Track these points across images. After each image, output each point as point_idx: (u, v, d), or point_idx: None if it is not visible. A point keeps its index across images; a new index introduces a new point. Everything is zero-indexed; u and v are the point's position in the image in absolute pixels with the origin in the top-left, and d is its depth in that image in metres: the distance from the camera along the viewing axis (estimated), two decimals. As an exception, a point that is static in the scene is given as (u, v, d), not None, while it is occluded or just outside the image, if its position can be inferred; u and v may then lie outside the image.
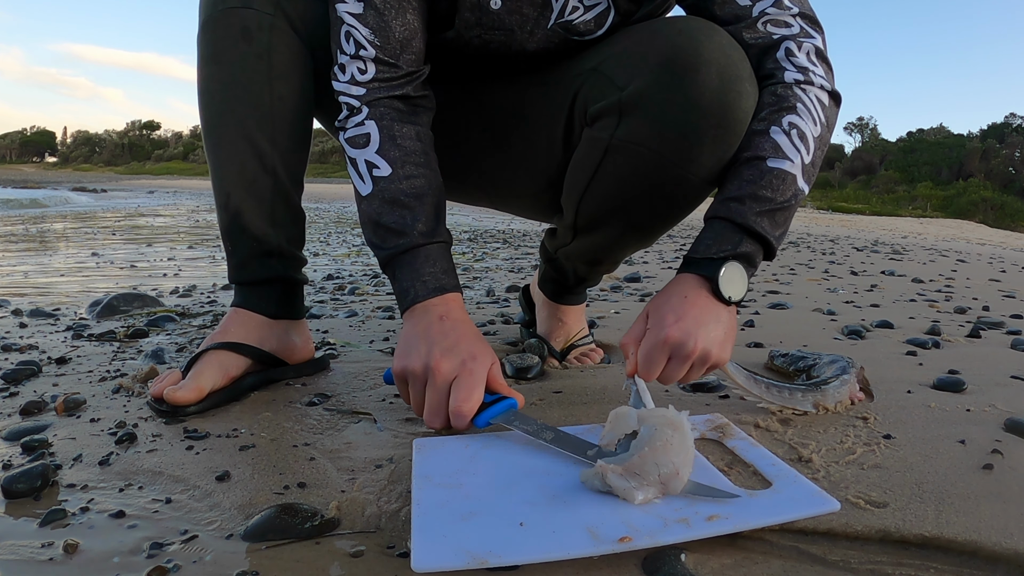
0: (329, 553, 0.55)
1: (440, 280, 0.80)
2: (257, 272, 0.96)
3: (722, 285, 0.74)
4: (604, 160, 0.85)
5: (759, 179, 0.76)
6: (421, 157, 0.85)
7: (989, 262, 4.11)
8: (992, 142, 36.60)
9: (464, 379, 0.72)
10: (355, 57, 0.84)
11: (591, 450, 0.65)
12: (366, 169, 0.83)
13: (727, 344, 0.75)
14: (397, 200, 0.81)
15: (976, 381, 1.02)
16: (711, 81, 0.76)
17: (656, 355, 0.72)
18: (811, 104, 0.79)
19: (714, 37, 0.77)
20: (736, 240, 0.75)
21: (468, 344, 0.75)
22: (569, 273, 1.10)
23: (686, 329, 0.71)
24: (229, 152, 0.92)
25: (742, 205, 0.75)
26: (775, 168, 0.76)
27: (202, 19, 0.90)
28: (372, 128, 0.83)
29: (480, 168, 1.04)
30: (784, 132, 0.77)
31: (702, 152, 0.79)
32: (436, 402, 0.72)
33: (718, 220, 0.77)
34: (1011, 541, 0.54)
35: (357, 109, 0.85)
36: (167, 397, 0.84)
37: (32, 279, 2.30)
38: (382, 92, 0.85)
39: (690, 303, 0.74)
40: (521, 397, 0.76)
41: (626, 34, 0.86)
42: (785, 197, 0.76)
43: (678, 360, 0.72)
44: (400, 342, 0.78)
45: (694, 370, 0.74)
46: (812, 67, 0.80)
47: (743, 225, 0.75)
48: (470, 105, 1.01)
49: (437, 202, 0.85)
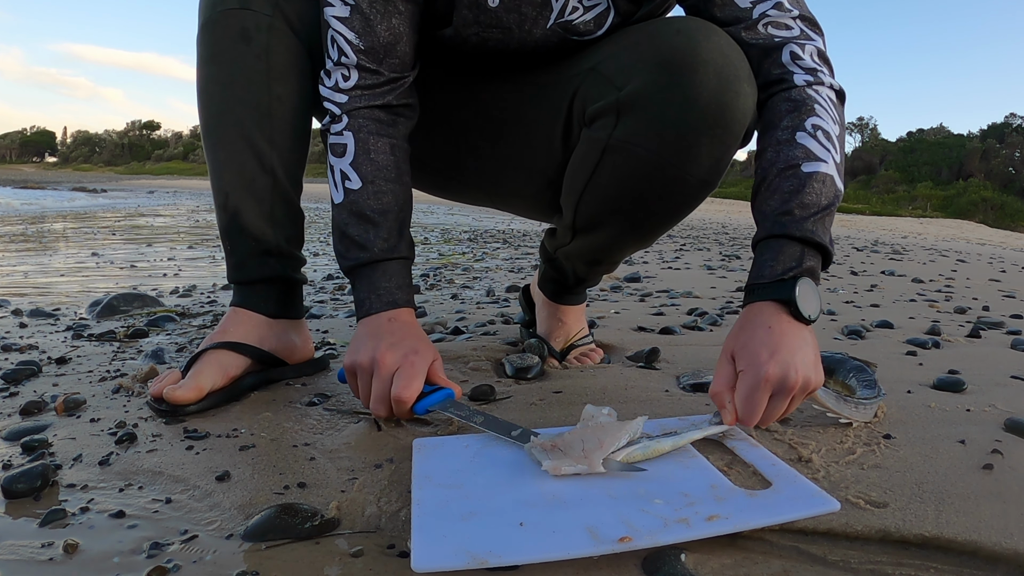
0: (329, 553, 0.55)
1: (393, 295, 0.85)
2: (256, 271, 0.96)
3: (801, 306, 0.70)
4: (602, 160, 0.85)
5: (801, 188, 0.73)
6: (392, 172, 0.87)
7: (989, 262, 4.11)
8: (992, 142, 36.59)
9: (405, 370, 0.77)
10: (338, 64, 0.86)
11: (515, 431, 0.71)
12: (340, 179, 0.86)
13: (819, 365, 0.71)
14: (363, 214, 0.85)
15: (976, 381, 1.02)
16: (709, 81, 0.75)
17: (759, 397, 0.67)
18: (827, 103, 0.78)
19: (712, 37, 0.77)
20: (798, 255, 0.72)
21: (411, 341, 0.81)
22: (569, 273, 1.10)
23: (784, 361, 0.67)
24: (228, 152, 0.92)
25: (793, 217, 0.73)
26: (813, 172, 0.74)
27: (201, 20, 0.90)
28: (349, 140, 0.86)
29: (479, 167, 1.04)
30: (810, 135, 0.75)
31: (700, 152, 0.79)
32: (380, 390, 0.78)
33: (774, 239, 0.74)
34: (1011, 541, 0.54)
35: (338, 117, 0.87)
36: (167, 396, 0.84)
37: (32, 279, 2.30)
38: (363, 101, 0.87)
39: (777, 333, 0.69)
40: (458, 388, 0.82)
41: (624, 34, 0.86)
42: (829, 200, 0.74)
43: (781, 396, 0.68)
44: (352, 342, 0.84)
45: (795, 402, 0.70)
46: (819, 67, 0.80)
47: (801, 237, 0.72)
48: (469, 104, 1.01)
49: (402, 218, 0.88)
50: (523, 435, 0.70)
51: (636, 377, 1.04)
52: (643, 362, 1.15)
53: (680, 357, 1.18)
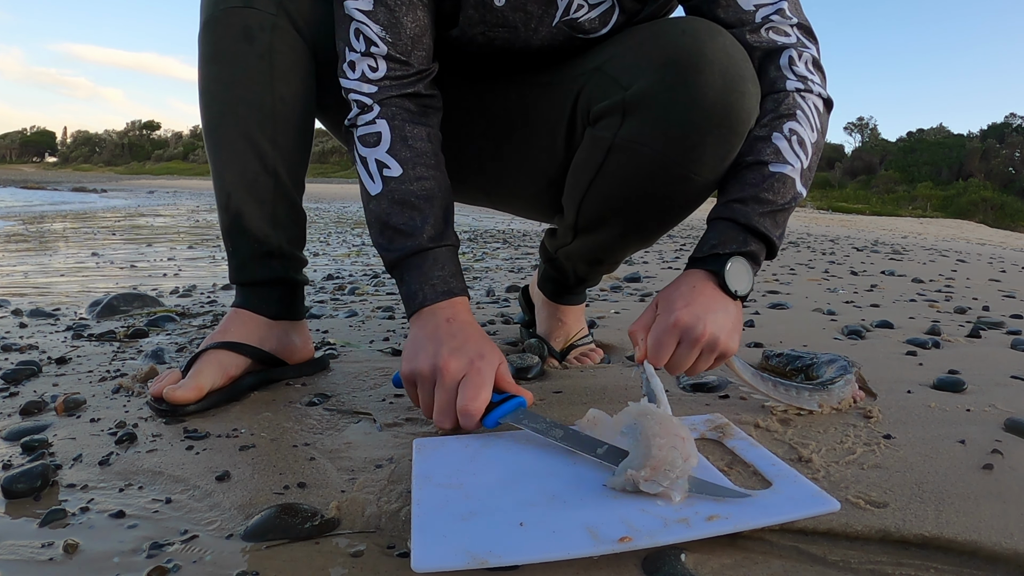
0: (329, 553, 0.55)
1: (448, 284, 0.81)
2: (258, 273, 0.96)
3: (728, 279, 0.76)
4: (607, 160, 0.85)
5: (761, 183, 0.78)
6: (432, 159, 0.85)
7: (989, 262, 4.11)
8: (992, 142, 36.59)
9: (472, 378, 0.72)
10: (366, 54, 0.83)
11: (600, 448, 0.65)
12: (376, 168, 0.82)
13: (735, 334, 0.76)
14: (407, 201, 0.81)
15: (976, 381, 1.02)
16: (714, 81, 0.76)
17: (666, 339, 0.73)
18: (810, 111, 0.81)
19: (717, 38, 0.77)
20: (740, 239, 0.78)
21: (476, 344, 0.75)
22: (569, 273, 1.10)
23: (695, 313, 0.73)
24: (230, 153, 0.92)
25: (745, 206, 0.78)
26: (776, 172, 0.78)
27: (203, 19, 0.90)
28: (384, 127, 0.83)
29: (481, 167, 1.04)
30: (785, 138, 0.79)
31: (705, 152, 0.80)
32: (445, 401, 0.72)
33: (722, 220, 0.79)
34: (1011, 541, 0.54)
35: (368, 107, 0.84)
36: (166, 396, 0.84)
37: (32, 279, 2.30)
38: (394, 91, 0.84)
39: (698, 292, 0.75)
40: (530, 395, 0.76)
41: (630, 34, 0.86)
42: (785, 200, 0.79)
43: (687, 344, 0.73)
44: (407, 345, 0.78)
45: (703, 358, 0.75)
46: (810, 76, 0.83)
47: (747, 225, 0.77)
48: (472, 104, 1.01)
49: (446, 204, 0.85)
50: (610, 453, 0.64)
51: (636, 377, 1.04)
52: (643, 362, 1.15)
53: (680, 357, 1.18)
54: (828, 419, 0.83)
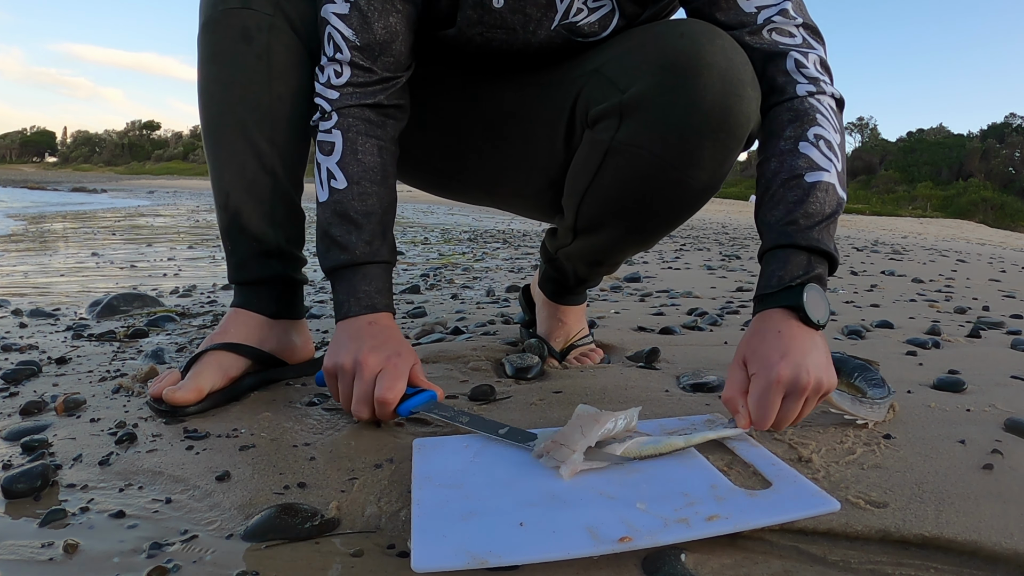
0: (329, 553, 0.55)
1: (373, 299, 0.84)
2: (257, 272, 0.96)
3: (809, 310, 0.71)
4: (604, 162, 0.85)
5: (805, 197, 0.75)
6: (378, 174, 0.87)
7: (989, 262, 4.11)
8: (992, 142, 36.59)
9: (388, 371, 0.77)
10: (332, 60, 0.86)
11: (502, 429, 0.71)
12: (326, 177, 0.86)
13: (831, 368, 0.72)
14: (347, 215, 0.85)
15: (976, 381, 1.02)
16: (713, 84, 0.75)
17: (771, 398, 0.68)
18: (828, 113, 0.79)
19: (716, 41, 0.77)
20: (805, 263, 0.74)
21: (394, 344, 0.81)
22: (569, 274, 1.10)
23: (796, 363, 0.68)
24: (228, 152, 0.92)
25: (798, 227, 0.74)
26: (816, 182, 0.75)
27: (202, 20, 0.90)
28: (337, 138, 0.86)
29: (481, 168, 1.04)
30: (813, 144, 0.76)
31: (703, 156, 0.79)
32: (363, 392, 0.77)
33: (780, 249, 0.75)
34: (1011, 541, 0.54)
35: (328, 114, 0.87)
36: (166, 398, 0.84)
37: (32, 279, 2.30)
38: (354, 99, 0.86)
39: (788, 337, 0.71)
40: (440, 390, 0.82)
41: (628, 36, 0.86)
42: (832, 208, 0.76)
43: (793, 397, 0.69)
44: (331, 344, 0.82)
45: (808, 404, 0.70)
46: (821, 76, 0.81)
47: (807, 246, 0.74)
48: (471, 104, 1.01)
49: (385, 221, 0.88)
50: (511, 433, 0.70)
51: (636, 377, 1.04)
52: (643, 362, 1.15)
53: (680, 357, 1.18)
54: (828, 419, 0.83)
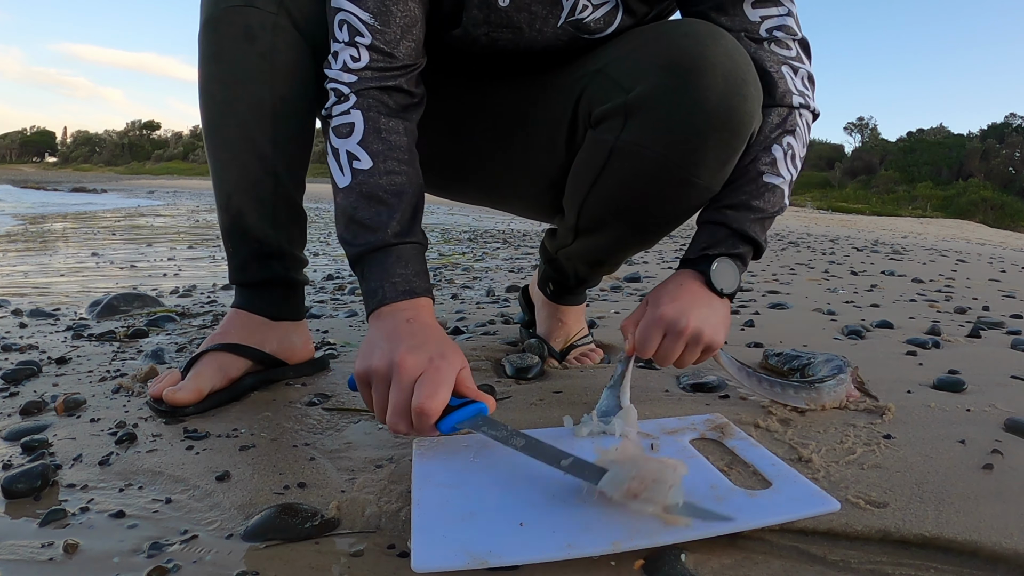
0: (329, 553, 0.55)
1: (411, 283, 0.76)
2: (258, 273, 0.96)
3: (714, 278, 0.81)
4: (608, 162, 0.85)
5: (755, 191, 0.82)
6: (405, 154, 0.81)
7: (989, 262, 4.11)
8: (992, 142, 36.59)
9: (430, 375, 0.65)
10: (349, 44, 0.80)
11: (565, 460, 0.60)
12: (347, 160, 0.79)
13: (720, 328, 0.80)
14: (375, 195, 0.78)
15: (976, 381, 1.02)
16: (717, 84, 0.76)
17: (652, 332, 0.78)
18: (804, 129, 0.86)
19: (720, 41, 0.77)
20: (730, 243, 0.83)
21: (436, 343, 0.70)
22: (569, 274, 1.10)
23: (680, 308, 0.78)
24: (230, 153, 0.91)
25: (738, 212, 0.82)
26: (770, 183, 0.83)
27: (203, 18, 0.89)
28: (358, 118, 0.80)
29: (483, 168, 1.04)
30: (783, 151, 0.84)
31: (707, 155, 0.79)
32: (400, 401, 0.65)
33: (712, 224, 0.84)
34: (1011, 541, 0.54)
35: (345, 96, 0.81)
36: (166, 398, 0.84)
37: (32, 279, 2.30)
38: (373, 82, 0.81)
39: (685, 289, 0.81)
40: (492, 401, 0.69)
41: (632, 36, 0.85)
42: (774, 209, 0.84)
43: (672, 337, 0.78)
44: (363, 345, 0.72)
45: (688, 350, 0.79)
46: (807, 91, 0.87)
47: (739, 230, 0.82)
48: (474, 105, 1.00)
49: (416, 202, 0.81)
50: (575, 466, 0.59)
51: (636, 377, 1.04)
52: (643, 362, 1.15)
53: (680, 357, 1.18)
54: (828, 419, 0.83)
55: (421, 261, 0.80)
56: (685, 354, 0.79)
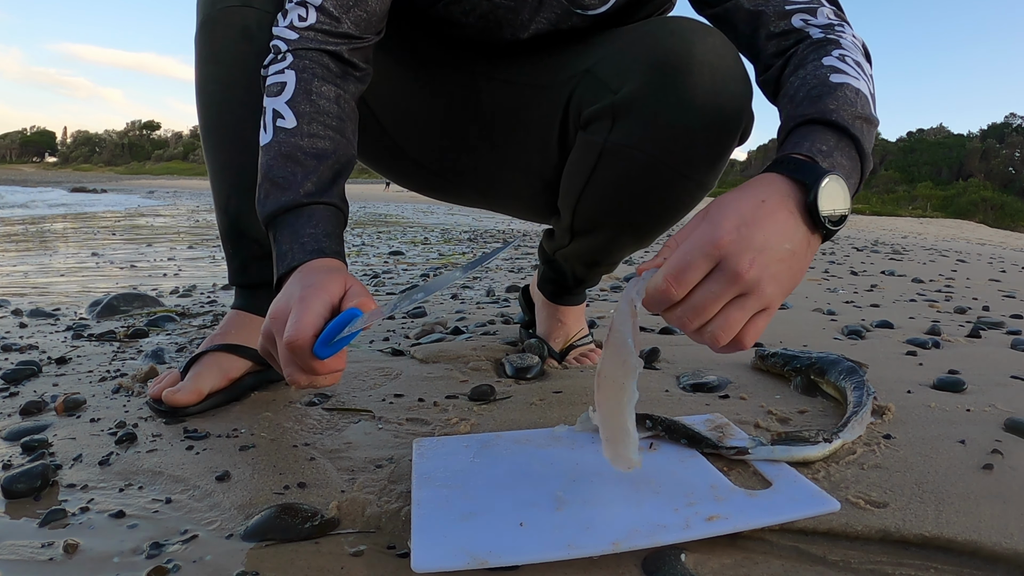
0: (329, 553, 0.55)
1: (320, 242, 0.69)
2: (258, 275, 0.96)
3: (822, 197, 0.55)
4: (599, 164, 0.84)
5: (831, 92, 0.63)
6: (334, 120, 0.76)
7: (989, 262, 4.11)
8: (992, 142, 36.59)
9: (295, 308, 0.59)
10: (299, 4, 0.78)
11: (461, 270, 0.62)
12: (271, 118, 0.75)
13: (789, 286, 0.55)
14: (292, 155, 0.73)
15: (976, 381, 1.02)
16: (704, 82, 0.75)
17: (695, 259, 0.52)
18: (851, 44, 0.71)
19: (707, 38, 0.76)
20: (833, 141, 0.60)
21: (312, 276, 0.63)
22: (568, 274, 1.10)
23: (748, 238, 0.52)
24: (229, 154, 0.91)
25: (827, 108, 0.61)
26: (842, 83, 0.64)
27: (200, 18, 0.89)
28: (290, 78, 0.76)
29: (476, 170, 1.04)
30: (838, 59, 0.67)
31: (696, 153, 0.79)
32: (281, 350, 0.59)
33: (806, 125, 0.62)
34: (1011, 541, 0.54)
35: (283, 55, 0.77)
36: (166, 399, 0.84)
37: (32, 279, 2.30)
38: (313, 43, 0.77)
39: (765, 209, 0.54)
40: (373, 302, 0.62)
41: (621, 34, 0.85)
42: (865, 112, 0.63)
43: (721, 278, 0.52)
44: None
45: (735, 306, 0.53)
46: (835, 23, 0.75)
47: (841, 126, 0.60)
48: (466, 105, 1.00)
49: (338, 168, 0.75)
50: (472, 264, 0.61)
51: (636, 377, 1.04)
52: (643, 362, 1.15)
53: (680, 357, 1.18)
54: (828, 419, 0.83)
55: (335, 224, 0.73)
56: (729, 310, 0.53)
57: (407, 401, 0.92)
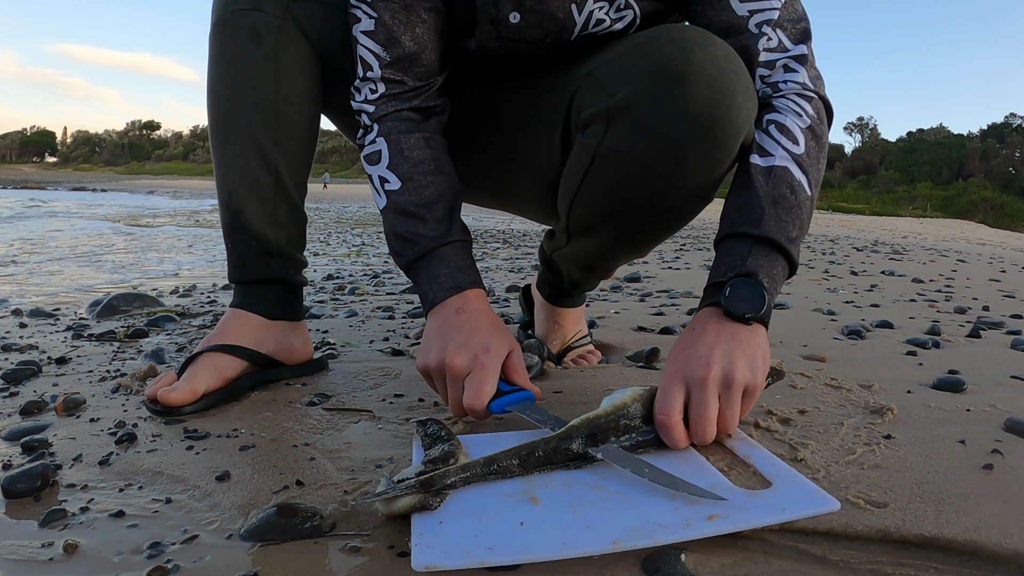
0: (329, 553, 0.55)
1: (455, 279, 0.82)
2: (256, 272, 0.96)
3: (728, 302, 0.70)
4: (592, 167, 0.84)
5: (751, 182, 0.75)
6: (430, 164, 0.87)
7: (989, 262, 4.11)
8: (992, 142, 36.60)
9: (476, 374, 0.74)
10: (365, 79, 0.88)
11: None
12: (379, 184, 0.87)
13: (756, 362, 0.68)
14: (407, 211, 0.85)
15: (976, 381, 1.02)
16: (700, 93, 0.73)
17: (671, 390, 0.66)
18: (791, 102, 0.79)
19: (708, 48, 0.74)
20: (743, 252, 0.73)
21: (482, 337, 0.77)
22: (564, 276, 1.10)
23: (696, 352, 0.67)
24: (233, 151, 0.93)
25: (740, 215, 0.74)
26: (760, 165, 0.76)
27: (214, 20, 0.92)
28: (382, 145, 0.87)
29: (487, 170, 1.05)
30: (763, 131, 0.77)
31: (688, 164, 0.77)
32: (454, 397, 0.76)
33: (723, 241, 0.76)
34: (1011, 541, 0.54)
35: (369, 127, 0.89)
36: (160, 398, 0.84)
37: (32, 279, 2.30)
38: (391, 107, 0.88)
39: (700, 330, 0.70)
40: (538, 390, 0.77)
41: (625, 40, 0.85)
42: (780, 191, 0.74)
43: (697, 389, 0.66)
44: (422, 340, 0.81)
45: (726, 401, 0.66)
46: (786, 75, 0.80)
47: (746, 234, 0.73)
48: (479, 109, 1.01)
49: (450, 205, 0.87)
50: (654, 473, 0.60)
51: (636, 377, 1.04)
52: (643, 362, 1.15)
53: (680, 357, 1.18)
54: (828, 419, 0.83)
55: (464, 256, 0.85)
56: (724, 407, 0.66)
57: (407, 401, 0.92)
